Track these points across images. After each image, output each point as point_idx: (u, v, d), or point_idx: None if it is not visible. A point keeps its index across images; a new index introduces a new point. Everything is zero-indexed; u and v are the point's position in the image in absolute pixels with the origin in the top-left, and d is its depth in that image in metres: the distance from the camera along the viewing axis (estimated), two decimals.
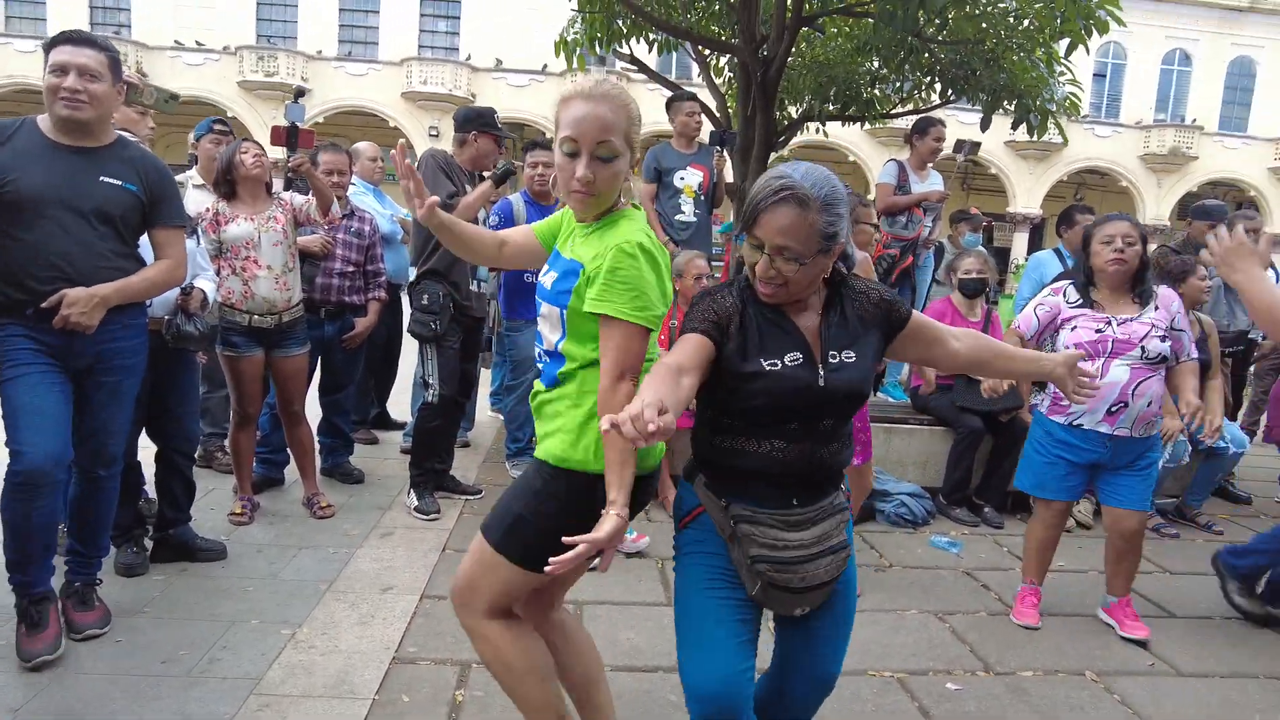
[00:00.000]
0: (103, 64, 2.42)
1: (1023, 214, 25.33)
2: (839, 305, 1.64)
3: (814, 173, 1.52)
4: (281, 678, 2.41)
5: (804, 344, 1.57)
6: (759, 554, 1.56)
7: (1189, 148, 25.13)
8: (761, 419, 1.56)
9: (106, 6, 23.36)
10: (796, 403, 1.55)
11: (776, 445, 1.57)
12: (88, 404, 2.51)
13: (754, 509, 1.58)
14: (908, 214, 5.11)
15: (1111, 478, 3.04)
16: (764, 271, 1.52)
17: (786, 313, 1.60)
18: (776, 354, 1.54)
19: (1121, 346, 2.92)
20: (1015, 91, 6.20)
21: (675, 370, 1.44)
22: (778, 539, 1.57)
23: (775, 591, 1.58)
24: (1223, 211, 4.95)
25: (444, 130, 22.99)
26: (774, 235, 1.49)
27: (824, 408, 1.58)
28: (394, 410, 5.61)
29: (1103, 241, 2.98)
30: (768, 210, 1.49)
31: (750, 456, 1.58)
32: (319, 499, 3.85)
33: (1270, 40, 25.44)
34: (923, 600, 3.33)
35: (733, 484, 1.61)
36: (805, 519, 1.60)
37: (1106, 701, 2.62)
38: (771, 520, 1.57)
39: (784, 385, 1.53)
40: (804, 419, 1.57)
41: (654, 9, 7.00)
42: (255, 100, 23.03)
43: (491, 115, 4.00)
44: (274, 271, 3.58)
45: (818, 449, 1.59)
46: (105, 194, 2.43)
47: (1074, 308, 3.04)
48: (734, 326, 1.56)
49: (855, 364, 1.60)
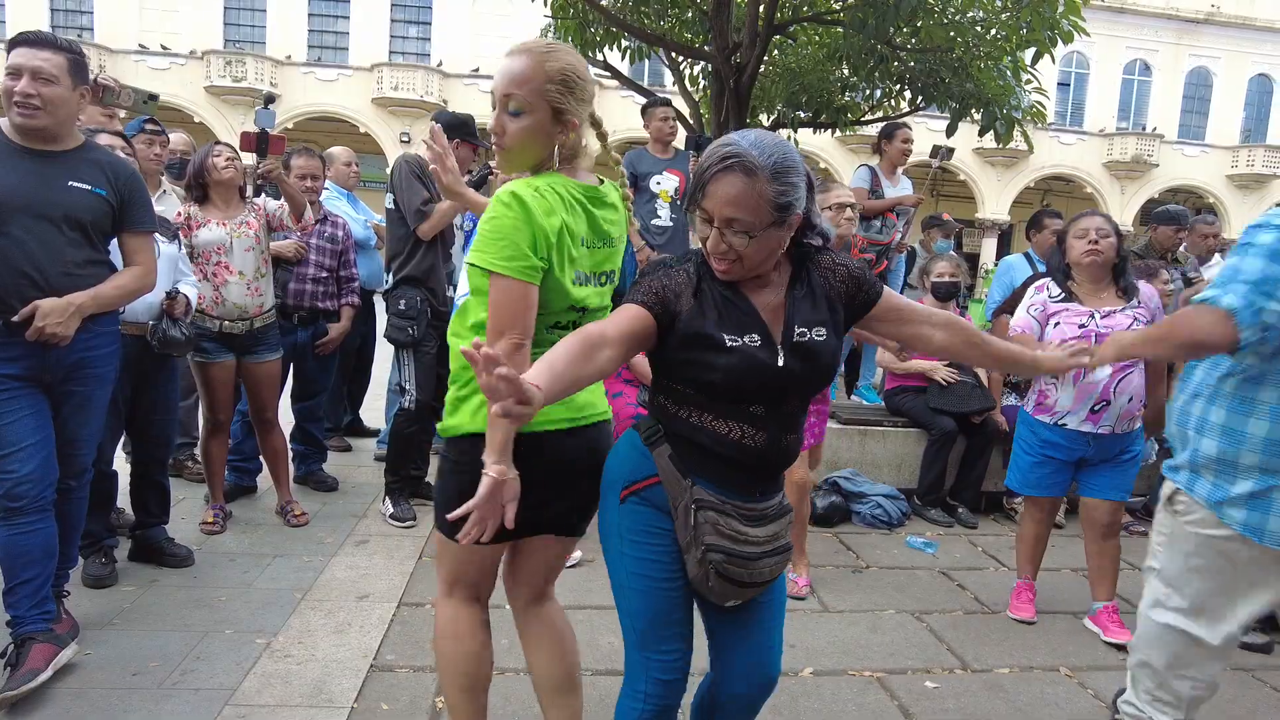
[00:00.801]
0: (60, 66, 2.33)
1: (991, 220, 25.73)
2: (805, 280, 1.55)
3: (764, 139, 1.42)
4: (257, 688, 2.37)
5: (761, 324, 1.48)
6: (716, 544, 1.50)
7: (1150, 155, 25.71)
8: (724, 397, 1.48)
9: (68, 9, 22.90)
10: (754, 383, 1.47)
11: (747, 431, 1.49)
12: (57, 414, 2.44)
13: (720, 496, 1.51)
14: (881, 219, 5.16)
15: (1094, 471, 3.10)
16: (714, 246, 1.43)
17: (744, 291, 1.50)
18: (736, 331, 1.46)
19: (1104, 340, 2.96)
20: (982, 99, 6.32)
21: (593, 341, 1.35)
22: (739, 532, 1.51)
23: (718, 581, 1.52)
24: (1185, 216, 5.07)
25: (415, 136, 22.84)
26: (722, 206, 1.39)
27: (786, 389, 1.50)
28: (367, 417, 5.55)
29: (1077, 236, 3.04)
30: (714, 180, 1.40)
31: (720, 439, 1.49)
32: (293, 507, 3.80)
33: (1226, 51, 26.15)
34: (900, 600, 3.36)
35: (700, 462, 1.51)
36: (765, 514, 1.56)
37: (1081, 696, 2.67)
38: (735, 511, 1.52)
39: (743, 364, 1.45)
40: (767, 402, 1.49)
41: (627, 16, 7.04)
42: (223, 106, 22.70)
43: (473, 123, 4.01)
44: (246, 277, 3.53)
45: (784, 435, 1.53)
46: (74, 199, 2.37)
47: (1057, 301, 3.08)
48: (684, 303, 1.47)
49: (822, 342, 1.52)
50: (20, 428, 2.31)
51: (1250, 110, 26.83)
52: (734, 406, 1.49)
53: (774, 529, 1.57)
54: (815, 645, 2.90)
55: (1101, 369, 2.95)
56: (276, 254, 3.92)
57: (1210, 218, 5.49)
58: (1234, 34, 25.90)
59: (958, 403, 4.40)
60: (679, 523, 1.54)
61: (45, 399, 2.40)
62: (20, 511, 2.30)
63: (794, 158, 1.45)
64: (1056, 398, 3.05)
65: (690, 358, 1.47)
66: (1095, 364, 1.92)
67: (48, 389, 2.41)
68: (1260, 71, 26.51)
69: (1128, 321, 2.97)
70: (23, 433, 2.31)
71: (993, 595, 3.44)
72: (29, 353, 2.34)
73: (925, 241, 6.08)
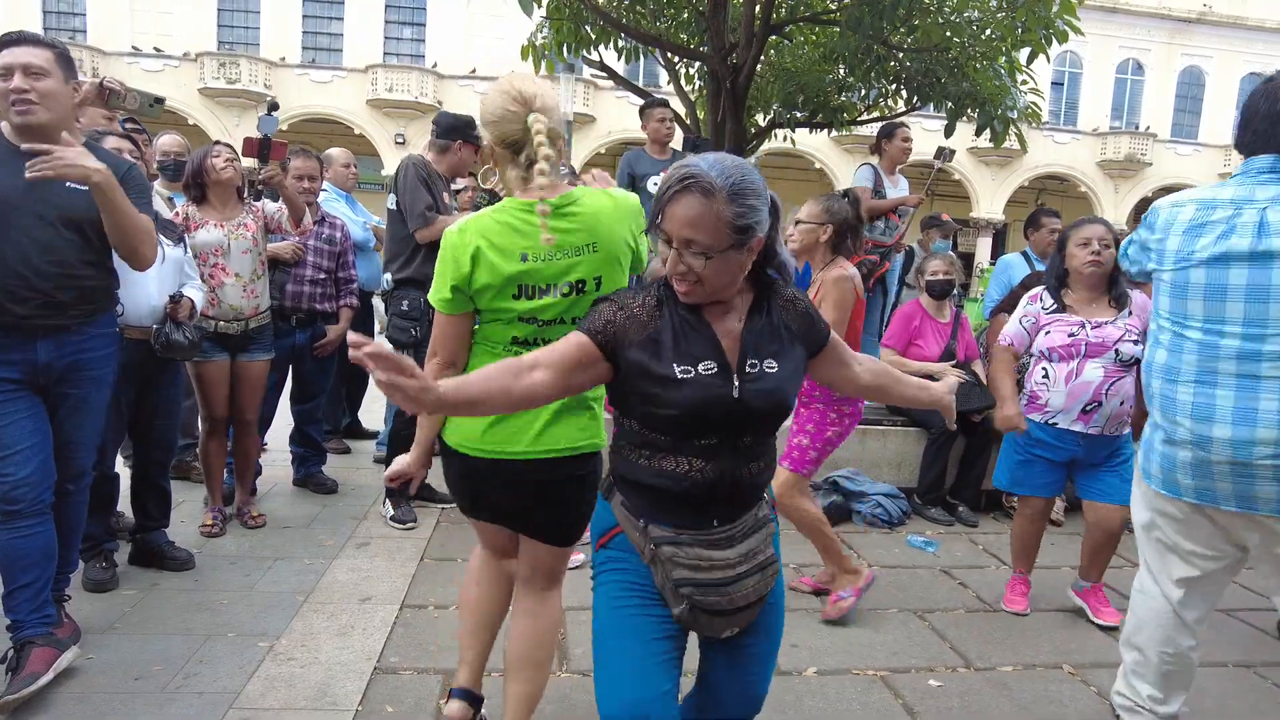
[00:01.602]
0: (49, 60, 2.32)
1: (986, 219, 25.79)
2: (765, 310, 1.54)
3: (723, 161, 1.42)
4: (261, 691, 2.36)
5: (719, 352, 1.46)
6: (683, 577, 1.48)
7: (1144, 154, 25.80)
8: (676, 431, 1.46)
9: (60, 11, 22.80)
10: (711, 414, 1.44)
11: (695, 464, 1.47)
12: (54, 417, 2.43)
13: (673, 530, 1.49)
14: (885, 220, 5.16)
15: (1090, 473, 3.11)
16: (673, 267, 1.43)
17: (705, 316, 1.49)
18: (691, 361, 1.44)
19: (1095, 349, 2.98)
20: (978, 99, 6.34)
21: (523, 364, 1.41)
22: (702, 558, 1.48)
23: (703, 615, 1.50)
24: None
25: (410, 137, 22.81)
26: (680, 227, 1.39)
27: (743, 421, 1.48)
28: (366, 419, 5.54)
29: (1079, 244, 3.03)
30: (671, 201, 1.40)
31: (669, 476, 1.47)
32: (250, 508, 3.79)
33: (1218, 51, 26.26)
34: (902, 599, 3.36)
35: (650, 505, 1.51)
36: (728, 536, 1.51)
37: (1084, 693, 2.67)
38: (693, 540, 1.49)
39: (697, 395, 1.43)
40: (722, 434, 1.47)
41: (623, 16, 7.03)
42: (217, 108, 22.63)
43: (473, 125, 4.02)
44: (242, 279, 3.52)
45: (739, 467, 1.50)
46: (70, 199, 2.36)
47: (1049, 313, 3.11)
48: (636, 333, 1.46)
49: (776, 374, 1.49)
50: (16, 430, 2.30)
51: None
52: (684, 441, 1.47)
53: (747, 547, 1.53)
54: (818, 645, 2.90)
55: (1092, 372, 2.97)
56: (273, 255, 3.91)
57: None
58: (1226, 33, 26.02)
59: (958, 401, 4.38)
60: (651, 566, 1.53)
61: (42, 402, 2.39)
62: (18, 515, 2.29)
63: (754, 180, 1.42)
64: (1048, 397, 3.06)
65: (644, 391, 1.45)
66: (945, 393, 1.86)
67: (44, 392, 2.40)
68: (1252, 71, 26.59)
69: (1119, 333, 2.98)
70: (19, 435, 2.30)
71: (994, 593, 3.45)
72: (25, 356, 2.33)
73: (924, 241, 6.09)
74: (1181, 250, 1.96)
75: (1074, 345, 3.01)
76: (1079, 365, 2.99)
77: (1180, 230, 1.97)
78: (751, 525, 1.55)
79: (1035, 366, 3.15)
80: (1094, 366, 2.97)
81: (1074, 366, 2.99)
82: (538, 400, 1.45)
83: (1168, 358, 1.98)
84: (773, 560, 1.58)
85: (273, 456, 4.68)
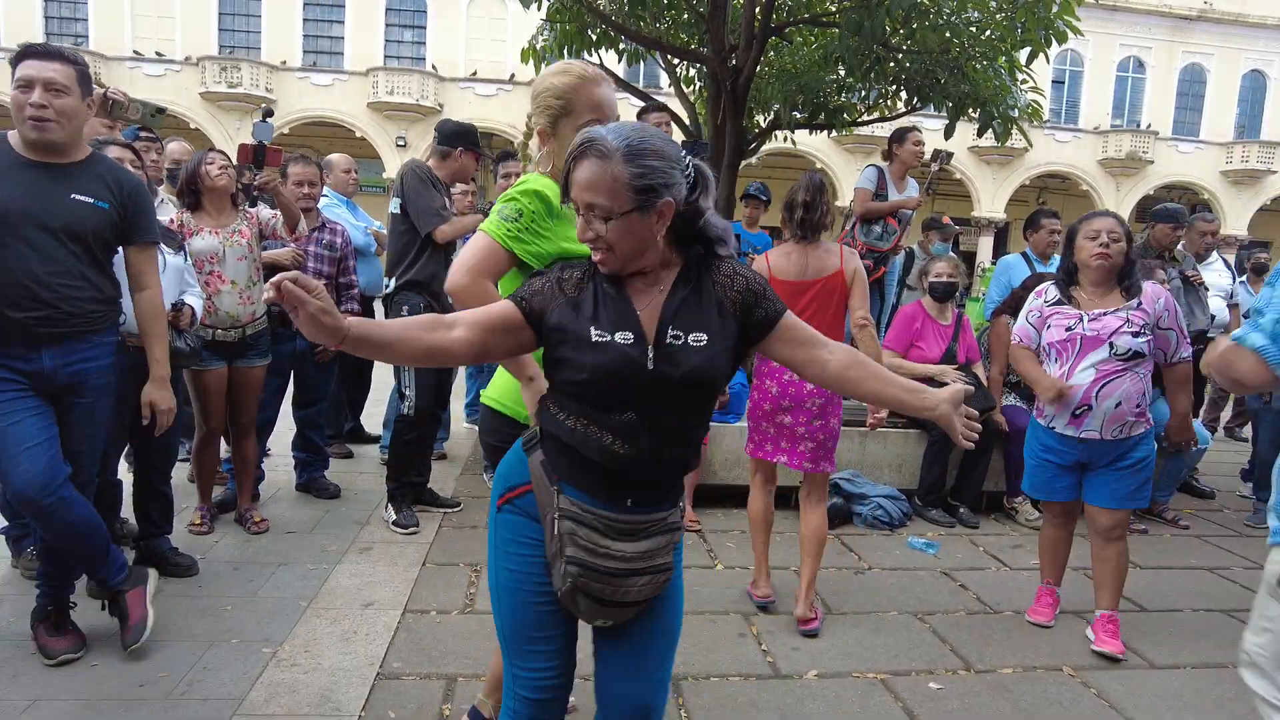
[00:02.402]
0: (70, 77, 2.36)
1: (987, 218, 25.76)
2: (694, 284, 1.50)
3: (625, 127, 1.43)
4: (265, 697, 2.38)
5: (636, 323, 1.44)
6: (575, 555, 1.46)
7: (1145, 152, 25.74)
8: (591, 399, 1.44)
9: (62, 16, 22.86)
10: (625, 384, 1.41)
11: (615, 440, 1.44)
12: (63, 425, 2.45)
13: (583, 505, 1.46)
14: (883, 224, 5.14)
15: (1093, 476, 3.06)
16: (581, 233, 1.44)
17: (626, 289, 1.48)
18: (608, 327, 1.43)
19: (1090, 342, 2.93)
20: (979, 99, 6.34)
21: (445, 321, 1.44)
22: (597, 544, 1.46)
23: (582, 598, 1.48)
24: (1182, 214, 5.08)
25: (411, 140, 22.84)
26: (580, 192, 1.41)
27: (660, 397, 1.44)
28: (368, 424, 5.56)
29: (1088, 237, 2.99)
30: (573, 168, 1.42)
31: (587, 441, 1.44)
32: (253, 514, 3.80)
33: (1219, 48, 26.20)
34: (902, 601, 3.37)
35: (569, 469, 1.48)
36: (635, 528, 1.48)
37: (1085, 696, 2.68)
38: (597, 522, 1.46)
39: (607, 360, 1.40)
40: (639, 408, 1.43)
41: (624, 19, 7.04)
42: (218, 112, 22.67)
43: (475, 132, 4.07)
44: (238, 286, 3.54)
45: (660, 449, 1.46)
46: (75, 211, 2.38)
47: (1051, 305, 3.08)
48: (559, 299, 1.46)
49: (702, 349, 1.44)
50: (27, 427, 2.34)
51: (1244, 106, 26.89)
52: (605, 413, 1.44)
53: (647, 545, 1.49)
54: (819, 647, 2.91)
55: (1082, 374, 2.94)
56: (273, 261, 3.93)
57: (1209, 215, 5.50)
58: (1226, 30, 25.96)
59: None
60: (547, 533, 1.50)
61: (48, 405, 2.42)
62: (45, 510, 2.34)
63: (653, 141, 1.41)
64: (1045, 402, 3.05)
65: (561, 355, 1.45)
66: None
67: (53, 400, 2.43)
68: (1253, 68, 26.57)
69: (1118, 323, 2.90)
70: (30, 431, 2.34)
71: (995, 595, 3.46)
72: (30, 365, 2.36)
73: (923, 243, 6.09)
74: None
75: (1070, 340, 2.97)
76: (1069, 368, 2.97)
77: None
78: (660, 526, 1.52)
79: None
80: (1084, 369, 2.93)
81: (1065, 369, 2.97)
82: (453, 357, 1.46)
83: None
84: (669, 567, 1.54)
85: (275, 461, 4.69)
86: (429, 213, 3.75)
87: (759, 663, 2.78)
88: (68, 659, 2.50)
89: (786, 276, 3.12)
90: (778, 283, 3.13)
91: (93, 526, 2.48)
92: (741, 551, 3.75)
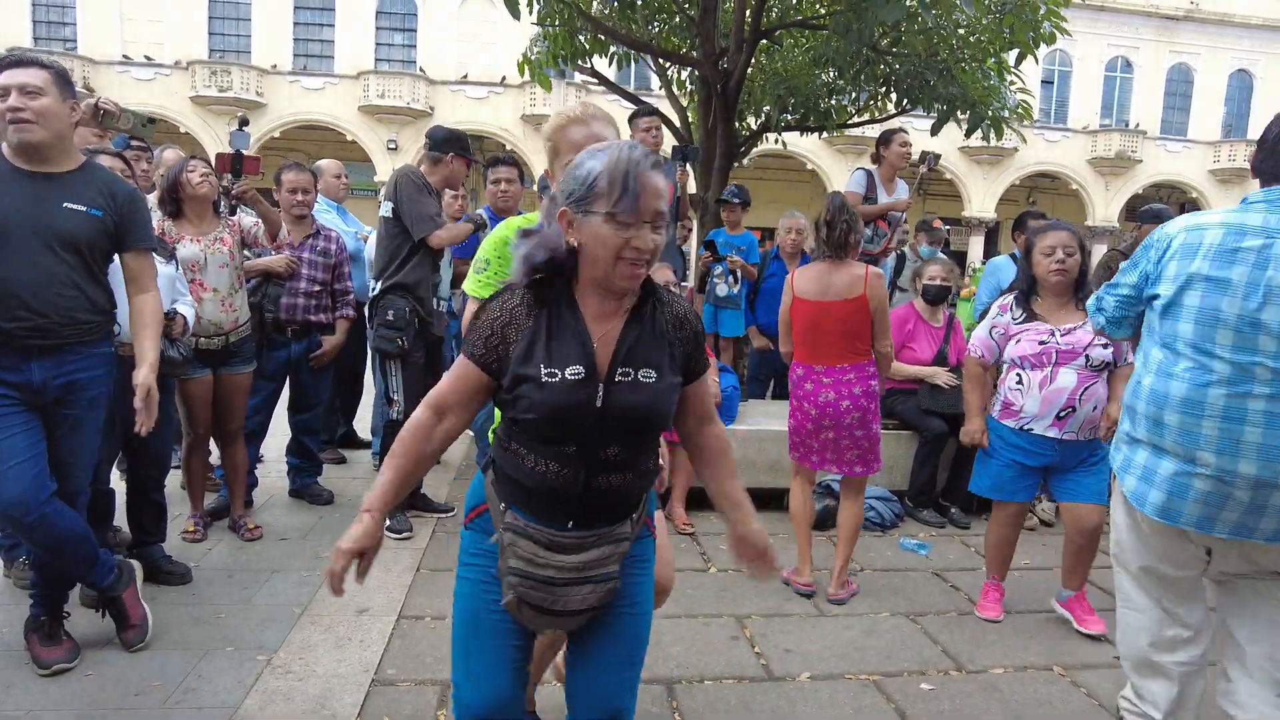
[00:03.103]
0: (45, 79, 2.34)
1: (977, 218, 25.88)
2: (650, 317, 1.49)
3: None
4: (260, 705, 2.38)
5: (589, 357, 1.42)
6: (515, 566, 1.48)
7: (1134, 151, 25.92)
8: (535, 433, 1.45)
9: (50, 21, 22.74)
10: (571, 420, 1.41)
11: (551, 467, 1.45)
12: (52, 436, 2.45)
13: (526, 522, 1.48)
14: (874, 227, 5.17)
15: (1065, 476, 3.13)
16: (644, 245, 1.40)
17: (585, 317, 1.45)
18: (559, 364, 1.41)
19: (1066, 356, 3.01)
20: (968, 101, 6.38)
21: (431, 421, 1.51)
22: (536, 555, 1.47)
23: (526, 607, 1.50)
24: (1168, 214, 5.12)
25: (402, 144, 22.80)
26: (652, 199, 1.39)
27: (606, 432, 1.44)
28: (361, 429, 5.55)
29: (1044, 252, 3.05)
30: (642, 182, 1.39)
31: (528, 472, 1.47)
32: (246, 521, 3.81)
33: (1205, 48, 26.40)
34: (894, 602, 3.40)
35: (515, 491, 1.50)
36: (574, 543, 1.48)
37: (1074, 695, 2.71)
38: (537, 535, 1.47)
39: (556, 399, 1.40)
40: (582, 443, 1.43)
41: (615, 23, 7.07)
42: (209, 115, 22.58)
43: (467, 140, 4.09)
44: (220, 294, 3.54)
45: (596, 478, 1.46)
46: (68, 221, 2.38)
47: (1019, 324, 3.14)
48: (513, 334, 1.44)
49: (652, 385, 1.45)
50: (13, 443, 2.32)
51: (1230, 105, 27.10)
52: (545, 445, 1.45)
53: (590, 556, 1.49)
54: (811, 649, 2.93)
55: (1066, 377, 2.99)
56: (266, 269, 3.93)
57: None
58: (1213, 30, 26.16)
59: (948, 404, 4.44)
60: (499, 549, 1.52)
61: (37, 419, 2.41)
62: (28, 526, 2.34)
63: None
64: (1023, 403, 3.09)
65: (514, 394, 1.44)
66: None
67: (40, 411, 2.42)
68: (1240, 67, 26.78)
69: (1089, 338, 2.99)
70: (17, 448, 2.33)
71: None
72: (20, 377, 2.35)
73: (913, 245, 6.12)
74: (1212, 275, 1.80)
75: (1045, 353, 3.03)
76: (1053, 371, 3.01)
77: (1209, 254, 1.81)
78: (606, 539, 1.51)
79: (1009, 373, 3.18)
80: (1067, 372, 3.00)
81: (1048, 373, 3.01)
82: (452, 440, 1.56)
83: (1188, 389, 1.81)
84: (613, 577, 1.53)
85: (268, 468, 4.68)
86: (424, 219, 3.76)
87: (752, 665, 2.80)
88: (62, 669, 2.50)
89: (809, 296, 3.32)
90: (801, 302, 3.34)
91: (79, 537, 2.47)
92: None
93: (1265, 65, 26.65)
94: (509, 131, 23.51)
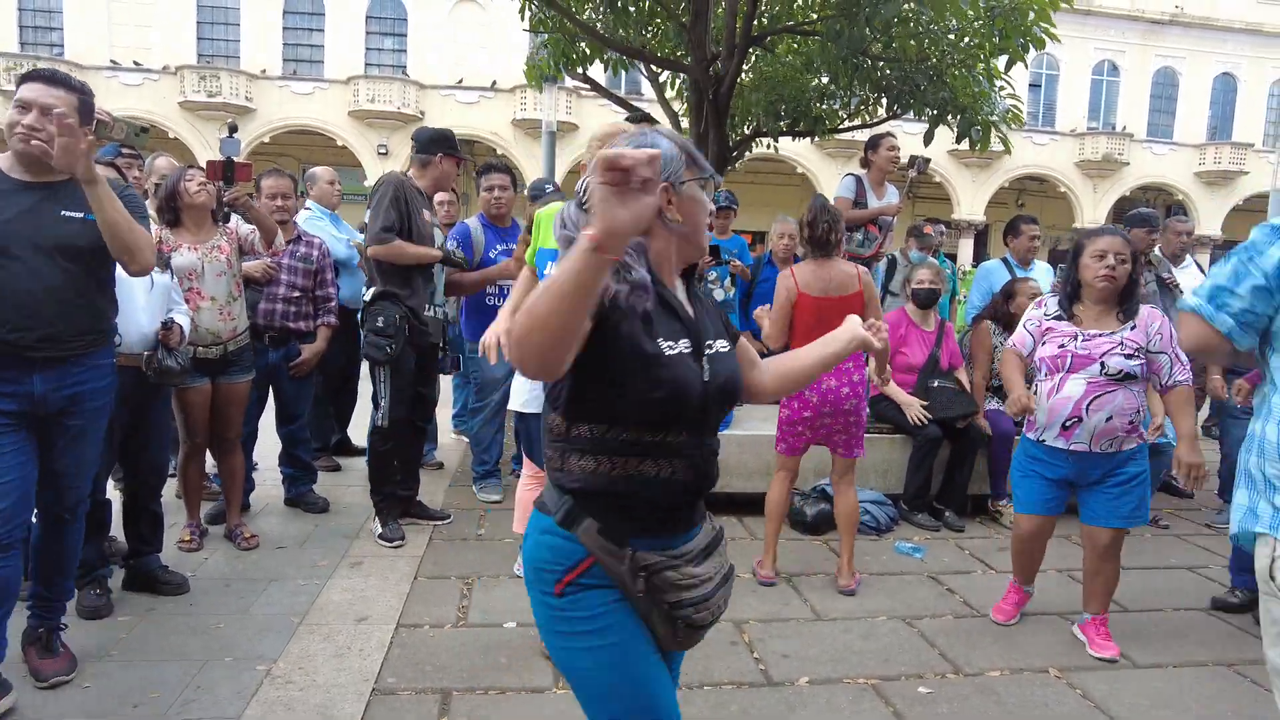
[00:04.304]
0: (71, 106, 2.32)
1: (967, 221, 26.01)
2: (696, 292, 1.49)
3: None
4: (260, 715, 2.38)
5: (691, 330, 1.38)
6: (681, 599, 1.37)
7: (1120, 154, 26.14)
8: (657, 420, 1.33)
9: (37, 25, 22.60)
10: (686, 400, 1.33)
11: (676, 465, 1.36)
12: (53, 447, 2.44)
13: (662, 552, 1.37)
14: (864, 232, 5.19)
15: (1086, 493, 3.05)
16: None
17: (671, 292, 1.39)
18: (672, 337, 1.34)
19: (1080, 361, 2.91)
20: (958, 106, 6.43)
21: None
22: (684, 578, 1.38)
23: (688, 631, 1.42)
24: (1155, 218, 5.17)
25: (393, 148, 22.76)
26: None
27: (707, 410, 1.39)
28: (355, 436, 5.54)
29: (1094, 256, 2.90)
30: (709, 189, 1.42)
31: (648, 482, 1.34)
32: (242, 530, 3.80)
33: (1190, 52, 26.66)
34: (891, 605, 3.42)
35: (630, 523, 1.36)
36: (703, 548, 1.44)
37: (1070, 697, 2.73)
38: (676, 558, 1.39)
39: (678, 374, 1.32)
40: (690, 427, 1.37)
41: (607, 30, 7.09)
42: (198, 121, 22.48)
43: (453, 138, 4.05)
44: (218, 303, 3.54)
45: (708, 463, 1.42)
46: (67, 229, 2.37)
47: (1050, 319, 3.04)
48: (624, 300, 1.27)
49: (730, 354, 1.45)
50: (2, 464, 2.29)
51: (1215, 109, 27.36)
52: (655, 441, 1.34)
53: (718, 561, 1.47)
54: (809, 654, 2.94)
55: (1073, 386, 2.91)
56: (245, 275, 3.91)
57: (1183, 217, 5.60)
58: (1198, 34, 26.41)
59: (942, 408, 4.47)
60: (629, 591, 1.37)
61: (33, 436, 2.39)
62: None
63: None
64: (1037, 414, 3.03)
65: (630, 377, 1.29)
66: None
67: (41, 423, 2.41)
68: (1224, 70, 27.04)
69: (1109, 345, 2.88)
70: (4, 469, 2.29)
71: (981, 598, 3.51)
72: (21, 389, 2.33)
73: (904, 250, 6.16)
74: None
75: (1061, 357, 2.95)
76: (1060, 380, 2.95)
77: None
78: (714, 536, 1.49)
79: (1033, 384, 3.11)
80: (1075, 381, 2.91)
81: (1056, 381, 2.96)
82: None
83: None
84: (733, 570, 1.53)
85: (262, 475, 4.67)
86: (374, 229, 3.73)
87: (751, 670, 2.81)
88: (60, 681, 2.48)
89: (812, 292, 3.47)
90: (805, 297, 3.48)
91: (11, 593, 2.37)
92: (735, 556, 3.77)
93: (1248, 68, 26.94)
94: (500, 136, 23.50)
